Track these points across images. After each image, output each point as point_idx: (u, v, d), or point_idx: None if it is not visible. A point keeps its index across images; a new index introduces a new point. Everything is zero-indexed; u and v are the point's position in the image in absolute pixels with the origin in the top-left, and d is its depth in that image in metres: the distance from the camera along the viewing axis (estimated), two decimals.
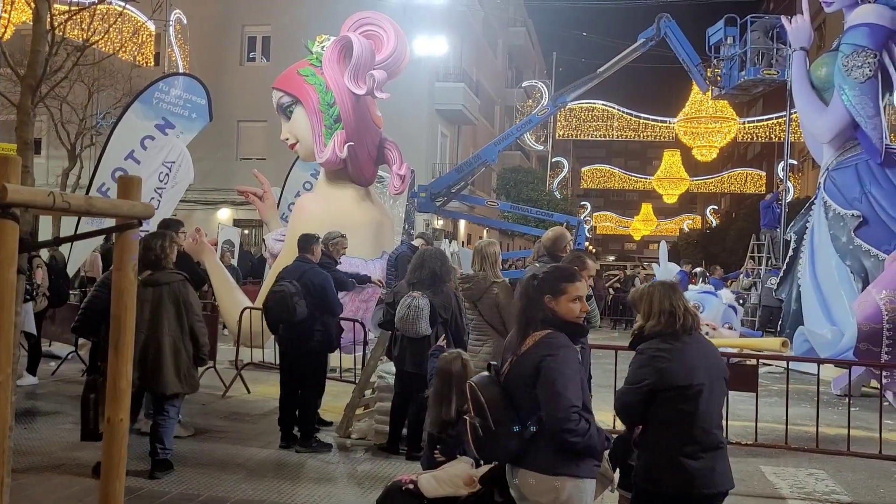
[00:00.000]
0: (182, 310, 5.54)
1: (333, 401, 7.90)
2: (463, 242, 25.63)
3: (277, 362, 9.64)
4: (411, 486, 4.03)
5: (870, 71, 12.25)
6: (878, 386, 8.29)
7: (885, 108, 13.12)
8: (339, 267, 10.27)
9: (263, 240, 11.66)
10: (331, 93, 10.31)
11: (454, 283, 6.30)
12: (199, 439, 6.71)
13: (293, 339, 6.52)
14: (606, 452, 3.81)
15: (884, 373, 8.47)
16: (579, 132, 31.82)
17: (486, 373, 3.18)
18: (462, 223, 29.30)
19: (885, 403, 8.49)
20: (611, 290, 23.05)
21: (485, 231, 28.41)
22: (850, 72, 12.35)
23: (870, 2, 12.48)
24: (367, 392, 7.14)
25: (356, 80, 10.13)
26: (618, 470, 4.12)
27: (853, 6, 12.70)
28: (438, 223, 26.42)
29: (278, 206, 12.09)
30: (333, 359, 8.93)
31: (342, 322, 8.55)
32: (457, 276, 6.43)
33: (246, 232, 25.01)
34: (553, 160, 34.24)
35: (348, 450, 6.55)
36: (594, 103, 30.96)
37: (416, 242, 8.73)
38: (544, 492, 2.99)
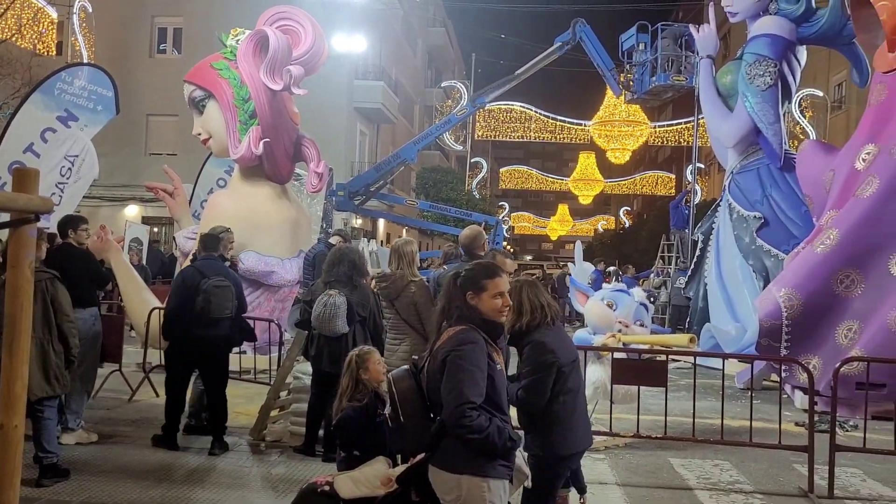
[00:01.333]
0: (49, 309, 5.27)
1: (247, 403, 7.73)
2: (381, 241, 25.50)
3: None
4: (327, 488, 3.96)
5: (771, 80, 12.84)
6: (778, 379, 8.71)
7: (784, 115, 13.81)
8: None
9: (174, 238, 11.27)
10: (246, 87, 10.07)
11: (371, 282, 6.26)
12: (103, 445, 6.42)
13: (213, 337, 6.32)
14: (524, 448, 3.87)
15: (783, 367, 8.91)
16: (498, 133, 32.20)
17: (405, 367, 3.19)
18: (381, 222, 29.18)
19: (784, 396, 8.94)
20: None
21: (404, 230, 28.39)
22: (753, 80, 12.91)
23: (771, 14, 13.07)
24: (283, 393, 7.00)
25: (272, 76, 9.93)
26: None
27: (756, 17, 13.27)
28: (357, 222, 26.22)
29: (190, 203, 11.73)
30: (247, 360, 8.72)
31: (258, 322, 8.36)
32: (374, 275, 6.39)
33: (155, 230, 24.15)
34: (472, 160, 34.49)
35: (262, 453, 6.40)
36: (512, 105, 31.40)
37: (333, 240, 8.61)
38: (449, 490, 2.98)
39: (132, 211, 25.16)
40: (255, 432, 6.76)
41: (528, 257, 66.27)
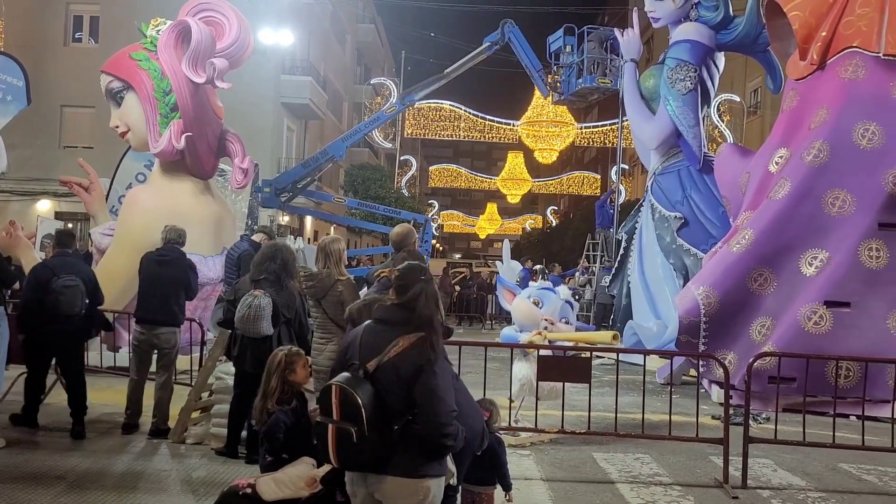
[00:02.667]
0: None
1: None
2: (309, 239, 25.18)
3: (102, 365, 9.04)
4: (249, 490, 3.87)
5: (691, 84, 13.25)
6: (696, 375, 9.00)
7: (703, 119, 14.27)
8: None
9: (89, 234, 10.84)
10: (167, 79, 9.77)
11: (298, 281, 6.14)
12: (11, 451, 6.12)
13: (64, 331, 6.65)
14: (455, 455, 3.86)
15: (701, 362, 9.20)
16: (427, 131, 32.22)
17: (347, 373, 2.97)
18: (308, 219, 28.79)
19: (702, 391, 9.24)
20: (456, 287, 23.50)
21: (332, 228, 28.08)
22: (674, 84, 13.30)
23: (692, 21, 13.49)
24: (204, 394, 6.82)
25: (195, 68, 9.66)
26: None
27: (677, 23, 13.67)
28: (284, 219, 25.80)
29: (107, 199, 11.29)
30: None
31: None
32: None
33: (70, 226, 23.14)
34: (401, 158, 34.42)
35: (183, 456, 6.22)
36: (442, 103, 31.45)
37: (257, 237, 8.43)
38: (410, 495, 2.94)
39: (45, 206, 24.06)
40: (174, 435, 6.56)
41: (457, 255, 66.55)
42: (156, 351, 6.98)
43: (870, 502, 5.87)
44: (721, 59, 13.90)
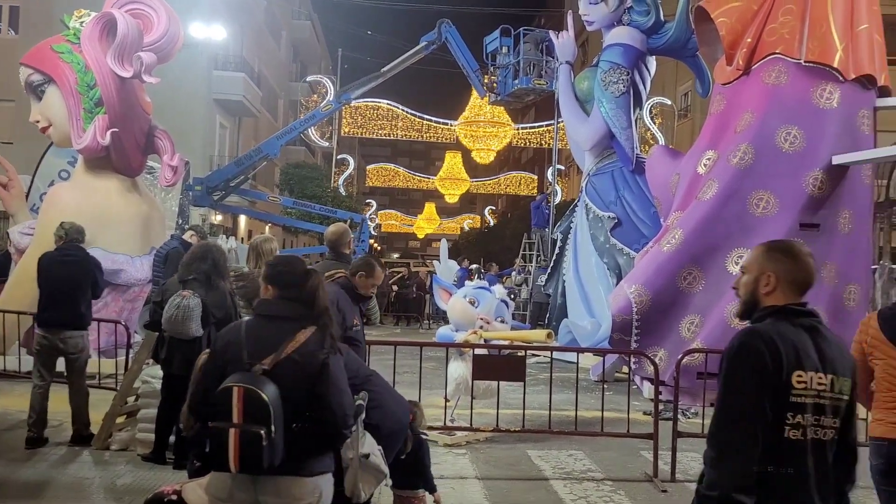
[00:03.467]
0: None
1: (91, 410, 7.21)
2: (242, 238, 24.69)
3: (21, 370, 8.65)
4: (174, 497, 3.75)
5: (624, 87, 13.52)
6: (628, 372, 9.18)
7: (636, 121, 14.59)
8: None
9: (7, 234, 10.37)
10: (91, 73, 9.43)
11: (229, 282, 6.00)
12: None
13: None
14: (383, 447, 3.83)
15: (632, 359, 9.39)
16: (365, 130, 31.98)
17: (241, 374, 2.82)
18: (242, 219, 28.24)
19: (634, 387, 9.43)
20: (394, 287, 23.42)
21: (267, 227, 27.61)
22: (608, 86, 13.55)
23: (624, 25, 13.77)
24: (130, 399, 6.60)
25: (121, 62, 9.35)
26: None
27: (611, 27, 13.93)
28: (216, 218, 25.25)
29: (27, 196, 10.83)
30: (91, 364, 8.17)
31: (104, 324, 7.85)
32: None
33: None
34: (338, 157, 34.07)
35: (107, 462, 6.00)
36: (379, 102, 31.26)
37: (187, 237, 8.21)
38: (307, 494, 2.88)
39: None
40: (98, 441, 6.33)
41: (395, 255, 66.42)
42: (64, 356, 6.57)
43: None
44: (652, 62, 14.23)
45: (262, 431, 2.70)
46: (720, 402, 2.28)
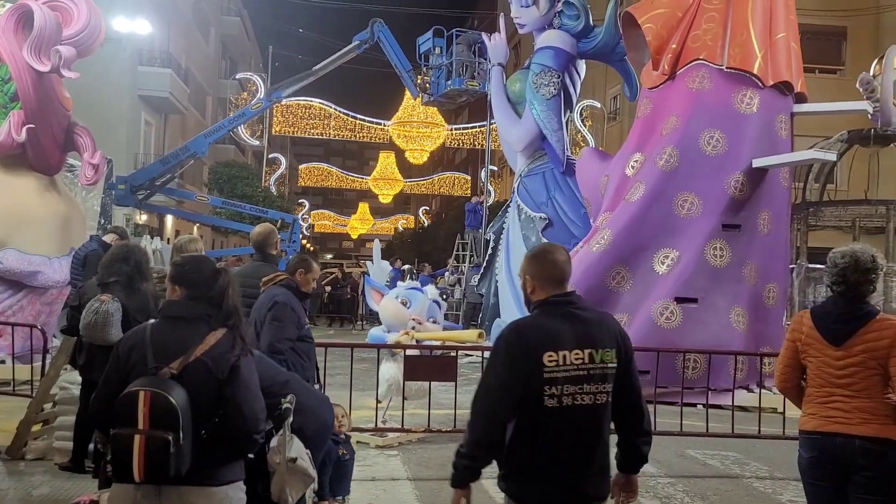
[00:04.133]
0: None
1: (6, 419, 6.90)
2: (168, 239, 24.00)
3: None
4: None
5: (554, 90, 13.73)
6: None
7: (567, 123, 14.83)
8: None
9: None
10: (6, 66, 9.04)
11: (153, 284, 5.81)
12: None
13: None
14: (312, 451, 3.76)
15: None
16: (296, 129, 31.52)
17: (147, 378, 2.69)
18: (169, 219, 27.44)
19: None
20: (327, 287, 23.18)
21: (195, 227, 26.92)
22: (539, 89, 13.73)
23: (555, 28, 13.98)
24: (47, 406, 6.32)
25: (38, 55, 8.97)
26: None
27: (542, 30, 14.13)
28: (142, 218, 24.48)
29: None
30: (5, 371, 7.83)
31: (19, 328, 7.52)
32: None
33: None
34: (270, 156, 33.50)
35: (22, 473, 5.73)
36: (311, 101, 30.87)
37: (108, 238, 7.91)
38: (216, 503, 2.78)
39: None
40: (13, 450, 6.03)
41: (329, 256, 65.78)
42: None
43: (713, 485, 6.28)
44: (582, 66, 14.50)
45: (170, 437, 2.58)
46: (480, 379, 2.83)
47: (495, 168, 36.20)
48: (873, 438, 3.37)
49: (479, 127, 31.21)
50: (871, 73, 11.12)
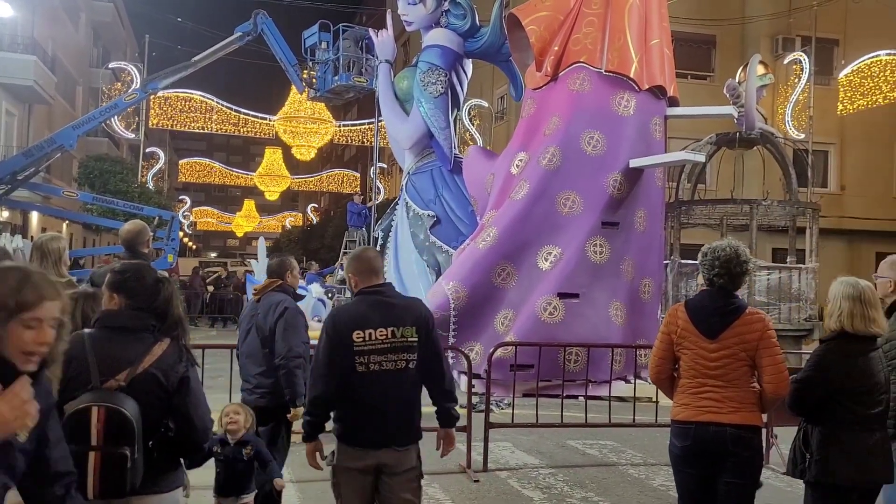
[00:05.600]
0: None
1: None
2: (32, 237, 22.45)
3: None
4: None
5: (442, 88, 13.78)
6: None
7: (454, 121, 14.94)
8: None
9: None
10: None
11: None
12: None
13: None
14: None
15: (450, 354, 9.59)
16: (176, 122, 30.14)
17: (93, 393, 2.61)
18: (35, 215, 25.68)
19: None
20: (209, 287, 22.40)
21: (64, 225, 25.35)
22: (426, 87, 13.75)
23: (442, 27, 14.03)
24: None
25: None
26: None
27: (429, 28, 14.14)
28: (3, 214, 22.77)
29: None
30: None
31: None
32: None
33: None
34: (147, 150, 31.93)
35: None
36: (192, 93, 29.60)
37: None
38: None
39: None
40: None
41: (213, 254, 63.67)
42: None
43: (591, 473, 6.48)
44: (469, 65, 14.63)
45: (127, 452, 2.57)
46: (314, 353, 3.72)
47: (384, 165, 36.08)
48: (742, 426, 3.56)
49: (368, 124, 30.99)
50: (737, 80, 11.81)
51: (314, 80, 18.22)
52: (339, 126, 34.42)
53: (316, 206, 52.77)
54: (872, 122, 23.14)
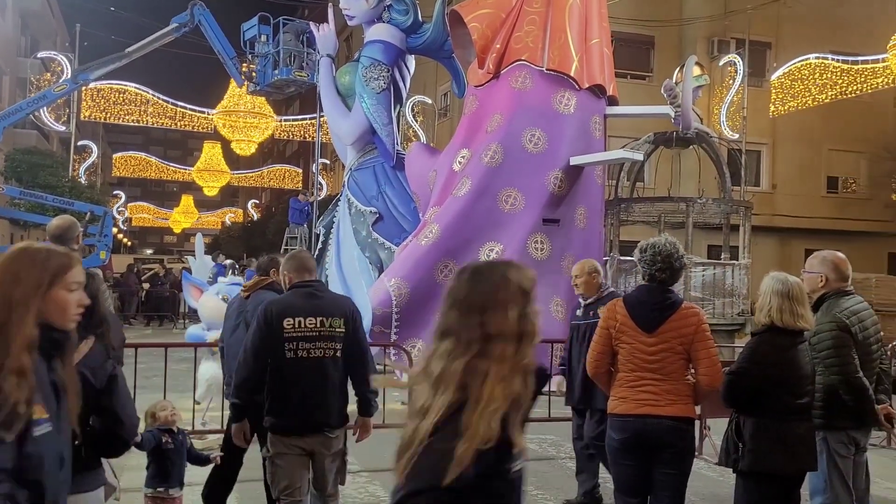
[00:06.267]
0: None
1: None
2: None
3: None
4: None
5: (384, 83, 13.72)
6: (388, 363, 9.31)
7: (399, 118, 14.89)
8: None
9: None
10: None
11: None
12: None
13: None
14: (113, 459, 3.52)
15: (392, 351, 9.56)
16: (109, 115, 29.13)
17: None
18: None
19: (394, 378, 9.58)
20: (144, 285, 21.81)
21: None
22: (369, 82, 13.66)
23: (384, 22, 13.96)
24: None
25: None
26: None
27: (371, 23, 14.06)
28: None
29: None
30: None
31: None
32: None
33: None
34: (79, 143, 30.81)
35: None
36: (126, 85, 28.66)
37: None
38: None
39: None
40: None
41: (149, 251, 61.99)
42: None
43: (531, 467, 6.52)
44: (412, 61, 14.60)
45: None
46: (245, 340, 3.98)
47: (327, 161, 35.69)
48: (679, 418, 3.65)
49: (310, 119, 30.59)
50: (674, 81, 12.09)
51: (254, 74, 17.89)
52: (281, 121, 33.91)
53: (257, 202, 51.92)
54: (802, 124, 24.00)
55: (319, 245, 15.01)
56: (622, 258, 14.85)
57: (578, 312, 5.55)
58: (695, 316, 3.70)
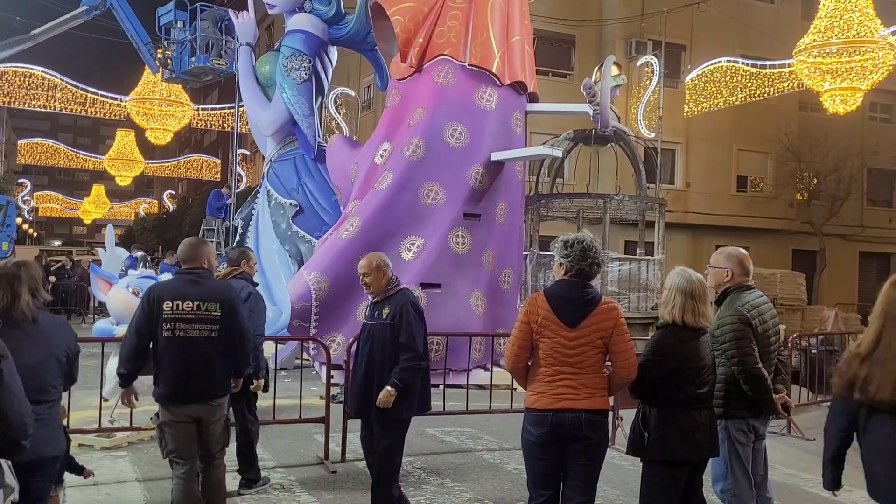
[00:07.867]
0: None
1: None
2: None
3: None
4: None
5: (305, 74, 13.49)
6: (308, 357, 9.22)
7: (321, 109, 14.68)
8: None
9: None
10: None
11: None
12: None
13: None
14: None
15: (311, 346, 9.45)
16: (13, 99, 27.64)
17: None
18: None
19: (314, 373, 9.51)
20: (51, 277, 20.85)
21: None
22: (289, 73, 13.42)
23: (306, 12, 13.72)
24: None
25: None
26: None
27: (293, 13, 13.79)
28: None
29: None
30: None
31: None
32: None
33: None
34: None
35: None
36: (32, 69, 27.26)
37: None
38: None
39: None
40: None
41: (57, 242, 59.35)
42: None
43: (448, 460, 6.60)
44: (334, 52, 14.41)
45: None
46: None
47: (247, 152, 34.93)
48: (596, 410, 3.73)
49: (229, 108, 29.80)
50: (593, 79, 12.34)
51: (169, 61, 17.31)
52: (198, 109, 32.94)
53: (173, 192, 50.41)
54: (715, 124, 24.97)
55: (238, 237, 14.68)
56: (542, 253, 15.12)
57: (367, 312, 4.92)
58: (615, 311, 3.79)
